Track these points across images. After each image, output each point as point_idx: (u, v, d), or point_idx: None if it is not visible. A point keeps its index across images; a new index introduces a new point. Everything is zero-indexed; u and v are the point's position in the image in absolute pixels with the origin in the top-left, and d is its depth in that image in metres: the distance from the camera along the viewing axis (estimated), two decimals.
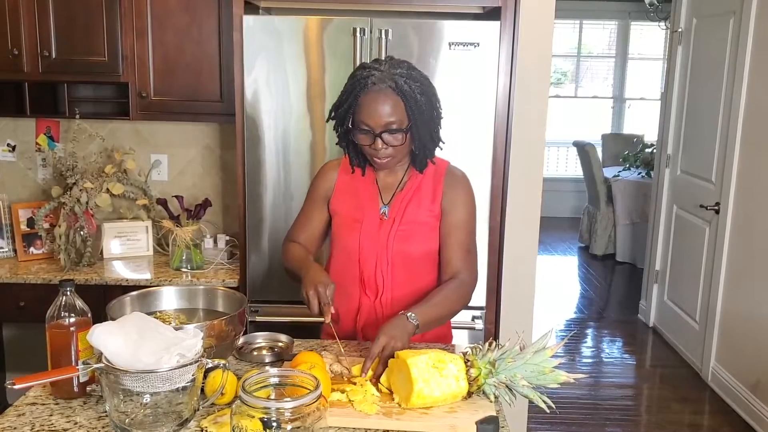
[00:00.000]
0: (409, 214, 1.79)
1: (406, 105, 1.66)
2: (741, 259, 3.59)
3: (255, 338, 1.82)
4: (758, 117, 3.46)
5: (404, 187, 1.81)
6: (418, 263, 1.81)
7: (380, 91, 1.65)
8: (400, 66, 1.69)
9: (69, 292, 1.48)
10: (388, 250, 1.78)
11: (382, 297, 1.80)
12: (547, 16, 2.80)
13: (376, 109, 1.65)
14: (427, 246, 1.81)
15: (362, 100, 1.66)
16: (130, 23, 2.73)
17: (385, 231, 1.79)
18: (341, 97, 1.71)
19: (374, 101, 1.65)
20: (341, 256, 1.83)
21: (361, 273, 1.80)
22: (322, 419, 1.20)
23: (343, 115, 1.70)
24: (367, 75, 1.66)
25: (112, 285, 2.66)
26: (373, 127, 1.66)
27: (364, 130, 1.68)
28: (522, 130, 2.79)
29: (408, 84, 1.65)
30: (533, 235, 2.94)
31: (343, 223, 1.83)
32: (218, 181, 3.17)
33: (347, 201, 1.83)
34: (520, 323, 2.89)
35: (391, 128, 1.66)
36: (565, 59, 8.46)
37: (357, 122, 1.68)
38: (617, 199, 6.25)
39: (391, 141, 1.68)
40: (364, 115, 1.66)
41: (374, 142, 1.68)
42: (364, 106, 1.66)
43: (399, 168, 1.81)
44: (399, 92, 1.65)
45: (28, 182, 3.17)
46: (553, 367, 1.44)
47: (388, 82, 1.65)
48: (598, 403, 3.67)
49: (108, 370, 1.29)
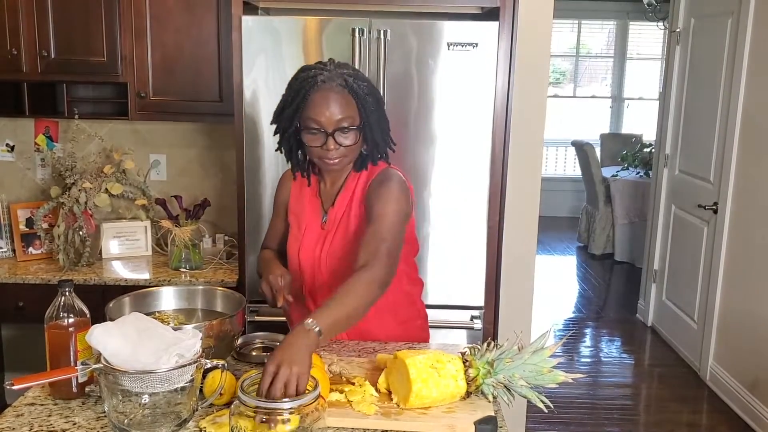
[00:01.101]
0: (345, 222, 1.76)
1: (358, 103, 1.63)
2: (739, 258, 3.60)
3: (254, 338, 1.82)
4: (756, 117, 3.47)
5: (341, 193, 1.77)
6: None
7: (330, 89, 1.61)
8: (346, 67, 1.67)
9: (68, 292, 1.48)
10: (321, 265, 1.77)
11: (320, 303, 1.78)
12: (545, 16, 2.80)
13: (328, 107, 1.60)
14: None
15: (312, 98, 1.61)
16: (129, 23, 2.73)
17: (320, 243, 1.78)
18: (286, 98, 1.66)
19: (325, 99, 1.61)
20: (290, 266, 1.83)
21: (303, 282, 1.81)
22: (320, 419, 1.21)
23: (291, 115, 1.64)
24: (315, 74, 1.62)
25: (110, 285, 2.66)
26: (325, 126, 1.62)
27: (314, 130, 1.63)
28: (520, 129, 2.79)
29: (356, 83, 1.63)
30: (532, 234, 2.95)
31: (290, 235, 1.84)
32: (217, 181, 3.17)
33: (297, 212, 1.84)
34: (518, 323, 2.89)
35: (343, 126, 1.63)
36: (564, 59, 8.47)
37: (306, 122, 1.63)
38: (616, 198, 6.26)
39: (344, 141, 1.64)
40: (315, 113, 1.61)
41: (326, 143, 1.63)
42: (315, 104, 1.61)
43: (342, 173, 1.77)
44: (350, 90, 1.62)
45: (27, 182, 3.17)
46: (551, 366, 1.45)
47: (338, 81, 1.62)
48: (596, 403, 3.68)
49: (107, 370, 1.29)
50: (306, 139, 1.66)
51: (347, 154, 1.68)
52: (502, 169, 2.57)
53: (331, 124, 1.62)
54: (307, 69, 1.66)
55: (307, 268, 1.79)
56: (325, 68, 1.64)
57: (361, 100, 1.63)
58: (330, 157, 1.66)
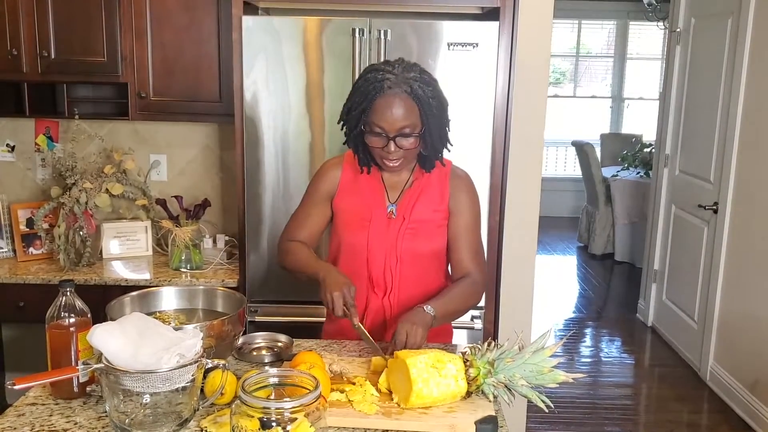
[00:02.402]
0: (417, 212, 1.81)
1: (421, 110, 1.67)
2: (739, 258, 3.60)
3: (254, 338, 1.82)
4: (756, 117, 3.47)
5: (412, 186, 1.82)
6: (426, 261, 1.83)
7: (395, 95, 1.65)
8: (413, 70, 1.69)
9: (69, 292, 1.48)
10: (397, 248, 1.80)
11: (390, 295, 1.81)
12: (545, 16, 2.80)
13: (392, 113, 1.65)
14: (435, 244, 1.83)
15: (377, 103, 1.66)
16: (129, 24, 2.73)
17: (394, 229, 1.80)
18: (353, 98, 1.71)
19: (389, 105, 1.65)
20: (348, 254, 1.83)
21: (370, 271, 1.81)
22: (321, 419, 1.21)
23: (357, 117, 1.70)
24: (382, 78, 1.66)
25: (111, 285, 2.66)
26: (388, 131, 1.67)
27: (377, 133, 1.69)
28: (521, 129, 2.79)
29: (422, 89, 1.67)
30: (532, 234, 2.95)
31: (349, 221, 1.83)
32: (217, 182, 3.17)
33: (352, 199, 1.83)
34: (518, 323, 2.89)
35: (405, 132, 1.68)
36: (564, 59, 8.47)
37: (370, 125, 1.69)
38: (616, 198, 6.26)
39: (404, 145, 1.69)
40: (379, 118, 1.66)
41: (387, 145, 1.69)
42: (379, 109, 1.66)
43: (405, 168, 1.82)
44: (414, 97, 1.66)
45: (28, 182, 3.18)
46: (551, 366, 1.45)
47: (404, 87, 1.65)
48: (596, 403, 3.68)
49: (108, 370, 1.29)
50: (369, 140, 1.72)
51: (406, 156, 1.73)
52: (502, 169, 2.57)
53: (393, 130, 1.67)
54: (375, 70, 1.69)
55: (377, 255, 1.80)
56: (393, 71, 1.67)
57: (425, 106, 1.67)
58: (390, 159, 1.72)
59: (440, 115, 1.72)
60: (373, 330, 1.79)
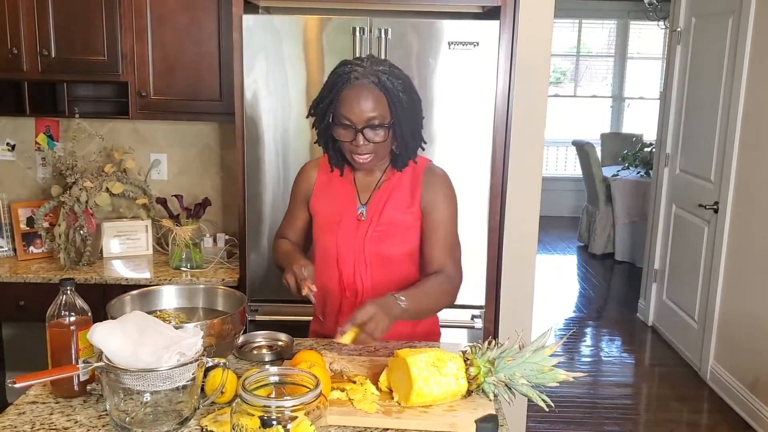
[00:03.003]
0: (387, 214, 1.78)
1: (389, 101, 1.66)
2: (740, 258, 3.60)
3: (255, 337, 1.82)
4: (757, 116, 3.47)
5: (381, 186, 1.80)
6: (396, 264, 1.80)
7: (363, 86, 1.65)
8: (382, 63, 1.69)
9: (69, 291, 1.48)
10: (365, 251, 1.78)
11: (363, 298, 1.79)
12: (546, 15, 2.80)
13: (359, 104, 1.64)
14: (406, 246, 1.80)
15: (344, 94, 1.66)
16: (130, 22, 2.73)
17: (362, 232, 1.78)
18: (322, 92, 1.71)
19: (357, 96, 1.65)
20: (321, 257, 1.83)
21: (340, 274, 1.80)
22: (322, 418, 1.21)
23: (324, 109, 1.69)
24: (350, 70, 1.66)
25: (111, 284, 2.66)
26: (355, 122, 1.66)
27: (345, 125, 1.67)
28: (521, 129, 2.79)
29: (390, 81, 1.66)
30: (532, 234, 2.95)
31: (322, 224, 1.83)
32: (218, 181, 3.17)
33: (326, 201, 1.83)
34: (519, 322, 2.89)
35: (373, 123, 1.66)
36: (565, 58, 8.46)
37: (338, 117, 1.68)
38: (616, 198, 6.26)
39: (373, 137, 1.67)
40: (346, 109, 1.66)
41: (355, 138, 1.67)
42: (347, 100, 1.65)
43: (377, 168, 1.80)
44: (382, 88, 1.65)
45: (28, 181, 3.18)
46: (552, 365, 1.45)
47: (371, 78, 1.65)
48: (597, 402, 3.68)
49: (108, 368, 1.29)
50: (337, 133, 1.70)
51: (377, 151, 1.71)
52: (503, 168, 2.57)
53: (361, 121, 1.66)
54: (345, 64, 1.70)
55: (347, 257, 1.79)
56: (361, 64, 1.67)
57: (393, 97, 1.66)
58: (360, 153, 1.69)
59: (411, 110, 1.71)
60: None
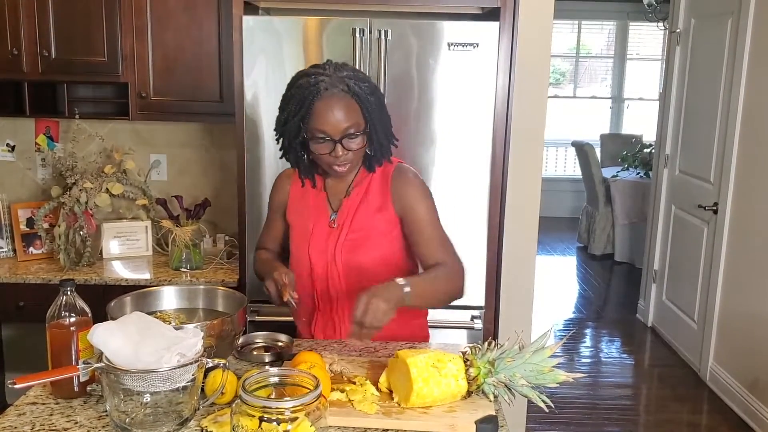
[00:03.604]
0: (359, 220, 1.74)
1: (362, 107, 1.62)
2: (739, 258, 3.60)
3: (255, 338, 1.82)
4: (756, 117, 3.47)
5: (351, 193, 1.76)
6: (370, 272, 1.73)
7: (333, 96, 1.59)
8: (345, 69, 1.64)
9: (69, 291, 1.48)
10: (336, 260, 1.74)
11: (338, 309, 1.78)
12: (545, 16, 2.80)
13: (333, 115, 1.59)
14: (379, 253, 1.74)
15: (316, 107, 1.59)
16: (130, 23, 2.74)
17: (333, 240, 1.75)
18: (289, 107, 1.63)
19: (329, 107, 1.58)
20: (295, 268, 1.80)
21: (314, 285, 1.79)
22: (322, 418, 1.21)
23: (296, 126, 1.62)
24: (316, 81, 1.59)
25: (111, 285, 2.66)
26: (332, 134, 1.60)
27: (321, 139, 1.62)
28: (521, 130, 2.79)
29: (358, 85, 1.61)
30: (532, 235, 2.95)
31: (295, 234, 1.81)
32: (217, 181, 3.17)
33: (300, 211, 1.81)
34: (519, 323, 2.89)
35: (350, 133, 1.61)
36: (564, 59, 8.47)
37: (312, 131, 1.62)
38: (616, 199, 6.26)
39: (351, 146, 1.63)
40: (321, 122, 1.59)
41: (334, 149, 1.61)
42: (320, 113, 1.59)
43: (349, 173, 1.74)
44: (352, 95, 1.60)
45: (28, 182, 3.18)
46: (551, 366, 1.45)
47: (340, 86, 1.59)
48: (596, 403, 3.68)
49: (108, 369, 1.29)
50: (314, 148, 1.65)
51: (353, 159, 1.68)
52: (503, 169, 2.57)
53: (337, 132, 1.61)
54: (306, 75, 1.62)
55: (319, 265, 1.77)
56: (325, 72, 1.61)
57: (365, 103, 1.62)
58: (339, 164, 1.65)
59: (380, 112, 1.67)
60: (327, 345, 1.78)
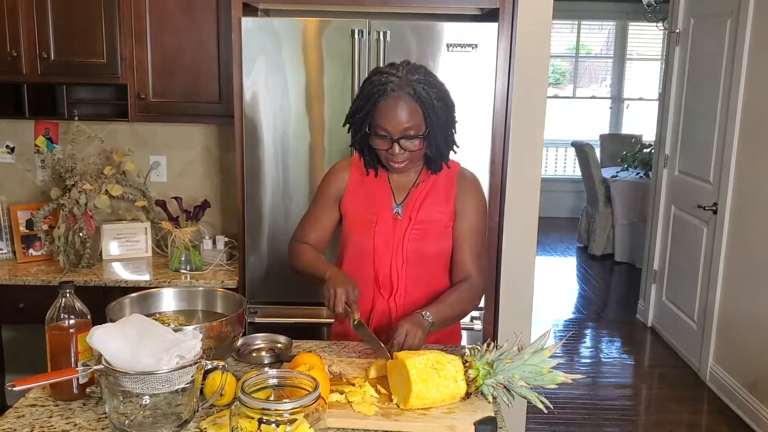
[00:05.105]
0: (423, 213, 1.81)
1: (424, 112, 1.68)
2: (739, 259, 3.60)
3: (254, 339, 1.82)
4: (756, 117, 3.47)
5: (418, 187, 1.83)
6: (432, 262, 1.83)
7: (399, 98, 1.67)
8: (417, 72, 1.70)
9: (68, 293, 1.48)
10: (403, 249, 1.81)
11: (396, 296, 1.82)
12: (545, 16, 2.80)
13: (396, 116, 1.67)
14: (441, 245, 1.83)
15: (381, 106, 1.68)
16: (129, 25, 2.74)
17: (400, 230, 1.81)
18: (358, 102, 1.73)
19: (393, 108, 1.67)
20: (354, 255, 1.84)
21: (376, 272, 1.82)
22: (321, 420, 1.21)
23: (361, 120, 1.72)
24: (386, 81, 1.67)
25: (111, 286, 2.66)
26: (392, 133, 1.69)
27: (381, 136, 1.71)
28: (520, 130, 2.79)
29: (426, 90, 1.68)
30: (531, 235, 2.95)
31: (356, 222, 1.85)
32: (217, 183, 3.17)
33: (360, 201, 1.85)
34: (518, 324, 2.89)
35: (409, 134, 1.69)
36: (564, 59, 8.47)
37: (375, 127, 1.71)
38: (615, 199, 6.26)
39: (409, 146, 1.71)
40: (383, 120, 1.68)
41: (392, 147, 1.70)
42: (383, 112, 1.68)
43: (412, 170, 1.83)
44: (417, 99, 1.67)
45: (27, 184, 3.18)
46: (551, 367, 1.45)
47: (407, 89, 1.67)
48: (596, 404, 3.68)
49: (107, 371, 1.29)
50: (374, 142, 1.73)
51: (412, 158, 1.75)
52: (502, 169, 2.58)
53: (397, 132, 1.68)
54: (379, 73, 1.71)
55: (383, 256, 1.81)
56: (396, 74, 1.69)
57: (428, 108, 1.68)
58: (396, 161, 1.73)
59: (446, 117, 1.73)
60: (378, 332, 1.77)
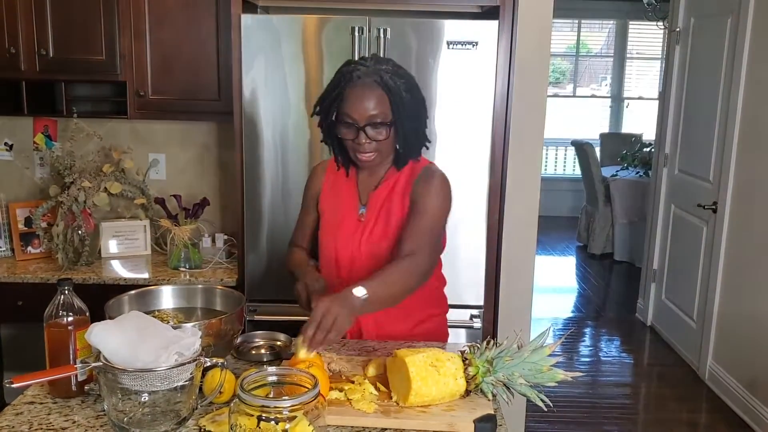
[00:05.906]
0: (385, 214, 1.78)
1: (391, 99, 1.68)
2: (738, 258, 3.60)
3: (253, 337, 1.82)
4: (755, 116, 3.47)
5: (380, 187, 1.80)
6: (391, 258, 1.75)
7: (365, 85, 1.67)
8: (386, 63, 1.72)
9: (67, 291, 1.48)
10: (361, 253, 1.78)
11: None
12: (545, 15, 2.80)
13: (361, 102, 1.67)
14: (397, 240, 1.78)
15: (347, 93, 1.68)
16: (128, 22, 2.73)
17: (360, 233, 1.79)
18: (326, 90, 1.74)
19: (359, 94, 1.67)
20: (323, 259, 1.85)
21: (340, 275, 1.81)
22: (320, 418, 1.20)
23: (328, 107, 1.72)
24: (353, 69, 1.69)
25: (109, 284, 2.66)
26: (357, 120, 1.68)
27: (347, 124, 1.70)
28: (520, 129, 2.79)
29: (393, 80, 1.68)
30: (531, 234, 2.95)
31: (324, 224, 1.86)
32: (216, 180, 3.16)
33: (332, 202, 1.86)
34: (518, 322, 2.89)
35: (375, 122, 1.68)
36: (564, 58, 8.47)
37: (341, 115, 1.70)
38: (615, 198, 6.26)
39: (375, 135, 1.69)
40: (349, 107, 1.68)
41: (357, 136, 1.69)
42: (349, 99, 1.68)
43: (381, 168, 1.81)
44: (384, 87, 1.67)
45: (26, 181, 3.17)
46: (550, 365, 1.45)
47: (374, 77, 1.68)
48: (595, 402, 3.68)
49: (106, 368, 1.29)
50: (341, 132, 1.72)
51: (380, 149, 1.72)
52: (502, 168, 2.57)
53: (362, 119, 1.68)
54: (348, 64, 1.73)
55: (344, 258, 1.80)
56: (365, 64, 1.70)
57: (395, 96, 1.68)
58: (362, 151, 1.71)
59: (415, 109, 1.72)
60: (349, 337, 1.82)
